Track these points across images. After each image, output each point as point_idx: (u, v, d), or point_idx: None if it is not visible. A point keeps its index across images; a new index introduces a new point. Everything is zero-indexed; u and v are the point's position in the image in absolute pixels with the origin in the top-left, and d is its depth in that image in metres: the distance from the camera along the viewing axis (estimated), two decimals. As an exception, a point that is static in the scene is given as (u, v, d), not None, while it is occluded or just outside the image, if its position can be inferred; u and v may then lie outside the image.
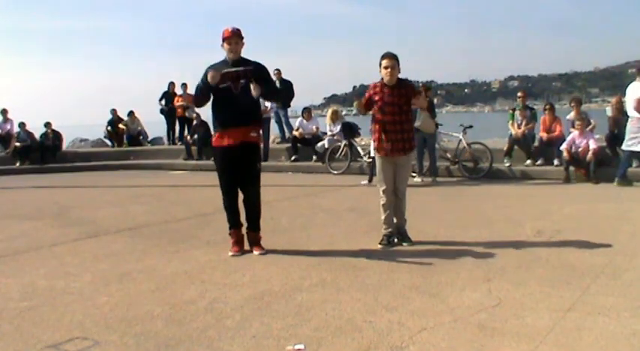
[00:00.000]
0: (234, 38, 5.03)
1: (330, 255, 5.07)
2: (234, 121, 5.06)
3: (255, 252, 5.18)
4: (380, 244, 5.32)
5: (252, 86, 4.95)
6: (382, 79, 5.28)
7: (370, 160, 10.22)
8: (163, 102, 16.94)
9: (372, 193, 9.25)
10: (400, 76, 5.31)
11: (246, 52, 5.18)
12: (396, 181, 5.35)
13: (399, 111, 5.26)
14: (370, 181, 9.98)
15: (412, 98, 5.27)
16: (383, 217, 5.40)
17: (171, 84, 17.04)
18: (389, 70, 5.16)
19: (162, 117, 17.20)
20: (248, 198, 5.23)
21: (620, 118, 10.08)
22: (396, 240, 5.38)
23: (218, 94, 5.09)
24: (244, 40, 5.12)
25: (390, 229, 5.38)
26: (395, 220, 5.40)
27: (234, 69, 5.02)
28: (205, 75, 5.06)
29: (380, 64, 5.23)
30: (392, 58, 5.19)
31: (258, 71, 5.12)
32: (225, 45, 5.05)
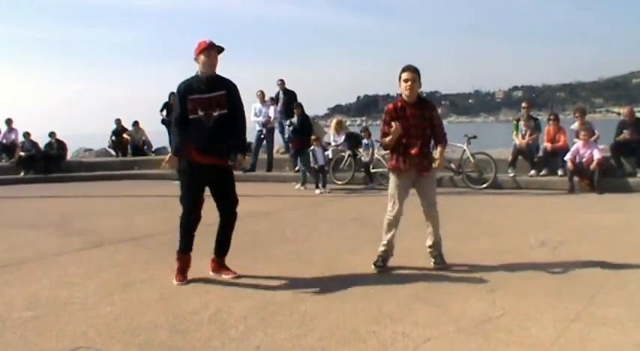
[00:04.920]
0: (213, 50, 4.51)
1: (333, 265, 5.07)
2: (209, 152, 4.58)
3: (225, 276, 4.75)
4: (374, 265, 4.84)
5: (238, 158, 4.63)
6: (400, 96, 4.89)
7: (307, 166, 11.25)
8: (164, 112, 17.01)
9: (375, 203, 9.26)
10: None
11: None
12: (421, 198, 4.91)
13: (422, 133, 4.85)
14: (303, 184, 11.26)
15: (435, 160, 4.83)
16: (386, 235, 4.89)
17: (172, 94, 17.08)
18: (409, 83, 4.75)
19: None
20: (226, 225, 4.83)
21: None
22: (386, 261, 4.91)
23: (191, 124, 4.58)
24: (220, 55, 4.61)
25: (386, 249, 4.90)
26: (430, 239, 4.93)
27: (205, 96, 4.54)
28: (179, 99, 4.60)
29: (399, 78, 4.81)
30: (413, 72, 4.78)
31: (232, 99, 4.62)
32: (202, 57, 4.51)
